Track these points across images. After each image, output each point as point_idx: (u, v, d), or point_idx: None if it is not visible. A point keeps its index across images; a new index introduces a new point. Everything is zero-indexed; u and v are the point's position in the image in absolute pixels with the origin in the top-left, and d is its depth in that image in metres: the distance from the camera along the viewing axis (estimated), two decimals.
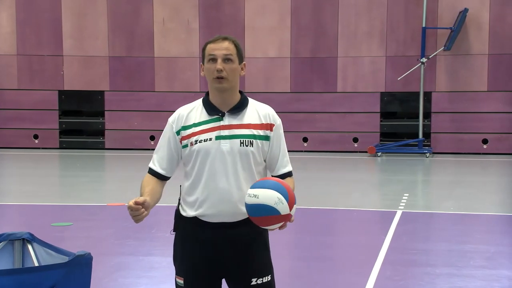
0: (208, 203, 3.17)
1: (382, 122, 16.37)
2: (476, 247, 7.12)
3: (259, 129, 3.20)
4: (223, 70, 3.18)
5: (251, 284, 3.19)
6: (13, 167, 14.58)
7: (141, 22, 16.83)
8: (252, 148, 3.17)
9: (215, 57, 3.20)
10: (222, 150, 3.16)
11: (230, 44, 3.23)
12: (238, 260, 3.19)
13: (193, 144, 3.18)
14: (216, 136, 3.17)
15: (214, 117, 3.21)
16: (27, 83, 17.12)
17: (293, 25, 16.49)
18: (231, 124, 3.18)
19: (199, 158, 3.18)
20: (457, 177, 12.83)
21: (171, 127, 3.25)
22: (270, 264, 3.28)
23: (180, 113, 3.27)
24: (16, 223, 8.64)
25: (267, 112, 3.26)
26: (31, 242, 3.47)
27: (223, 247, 3.18)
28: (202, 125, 3.20)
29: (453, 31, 15.48)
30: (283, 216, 3.00)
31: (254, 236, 3.22)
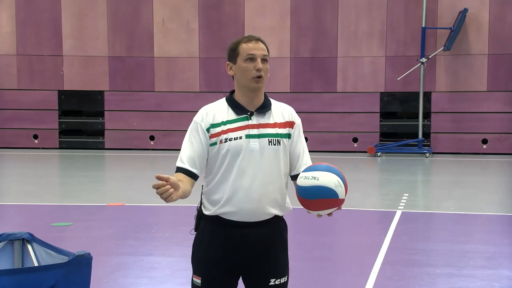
0: (234, 202, 3.15)
1: (382, 122, 16.37)
2: (476, 247, 7.12)
3: (283, 127, 3.24)
4: (261, 69, 3.19)
5: (269, 284, 3.20)
6: (13, 167, 14.58)
7: (141, 22, 16.83)
8: (280, 146, 3.20)
9: (255, 56, 3.20)
10: (251, 148, 3.16)
11: (264, 45, 3.26)
12: (258, 260, 3.19)
13: (222, 142, 3.17)
14: (246, 134, 3.17)
15: (242, 116, 3.21)
16: (27, 83, 17.12)
17: (293, 25, 16.49)
18: (259, 123, 3.20)
19: (228, 156, 3.16)
20: (457, 177, 12.83)
21: (199, 125, 3.21)
22: (288, 264, 3.30)
23: (207, 111, 3.24)
24: (16, 223, 8.64)
25: (288, 111, 3.32)
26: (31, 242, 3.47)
27: (244, 247, 3.18)
28: (231, 124, 3.19)
29: (453, 31, 15.48)
30: (339, 200, 3.01)
31: (275, 236, 3.23)
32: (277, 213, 3.22)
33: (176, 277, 6.08)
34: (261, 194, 3.15)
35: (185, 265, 6.49)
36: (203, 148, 3.19)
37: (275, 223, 3.22)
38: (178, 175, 3.16)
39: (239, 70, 3.25)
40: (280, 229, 3.24)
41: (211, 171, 3.23)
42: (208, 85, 16.70)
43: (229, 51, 3.30)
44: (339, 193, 2.99)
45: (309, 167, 3.12)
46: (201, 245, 3.23)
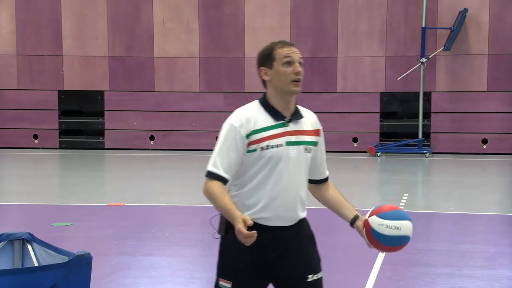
0: (271, 207, 3.15)
1: (382, 122, 16.37)
2: (476, 247, 7.12)
3: (313, 135, 3.28)
4: (300, 73, 3.22)
5: (307, 281, 3.22)
6: (13, 167, 14.58)
7: (141, 22, 16.82)
8: (310, 154, 3.26)
9: (293, 60, 3.22)
10: (290, 156, 3.17)
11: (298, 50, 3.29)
12: (293, 259, 3.21)
13: (263, 149, 3.13)
14: (286, 142, 3.17)
15: (280, 122, 3.19)
16: (27, 83, 17.11)
17: (293, 25, 16.49)
18: (296, 130, 3.21)
19: (270, 163, 3.14)
20: (457, 177, 12.83)
21: (238, 130, 3.13)
22: (320, 261, 3.35)
23: (246, 116, 3.16)
24: (16, 223, 8.63)
25: (315, 118, 3.35)
26: (31, 242, 3.47)
27: (279, 249, 3.19)
28: (271, 130, 3.15)
29: (453, 31, 15.48)
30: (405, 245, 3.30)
31: (304, 234, 3.29)
32: (304, 215, 3.31)
33: (176, 277, 6.08)
34: (296, 200, 3.21)
35: (185, 265, 6.49)
36: (238, 155, 3.14)
37: (303, 223, 3.30)
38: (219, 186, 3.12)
39: (276, 74, 3.21)
40: (306, 226, 3.32)
41: (244, 176, 3.17)
42: (208, 85, 16.70)
43: (263, 57, 3.26)
44: (411, 236, 3.25)
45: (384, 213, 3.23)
46: (232, 249, 3.17)
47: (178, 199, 9.92)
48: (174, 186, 11.25)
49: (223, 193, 3.11)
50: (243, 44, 16.60)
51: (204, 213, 8.86)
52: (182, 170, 13.78)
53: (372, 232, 3.19)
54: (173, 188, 11.00)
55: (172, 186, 11.31)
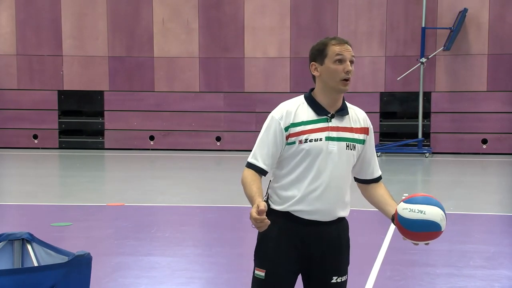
0: (308, 201, 3.18)
1: (381, 122, 16.37)
2: (476, 247, 7.12)
3: (360, 133, 3.26)
4: (351, 72, 3.21)
5: (331, 282, 3.25)
6: (13, 167, 14.57)
7: (141, 22, 16.83)
8: (354, 152, 3.25)
9: (344, 58, 3.21)
10: (330, 151, 3.18)
11: (351, 48, 3.28)
12: (323, 258, 3.24)
13: (302, 142, 3.17)
14: (326, 137, 3.18)
15: (323, 117, 3.20)
16: (27, 83, 17.12)
17: (293, 25, 16.49)
18: (338, 126, 3.21)
19: (308, 157, 3.17)
20: (456, 177, 12.83)
21: (278, 123, 3.18)
22: (348, 264, 3.37)
23: (287, 109, 3.20)
24: (16, 223, 8.63)
25: (364, 116, 3.32)
26: (31, 242, 3.47)
27: (311, 244, 3.22)
28: (311, 124, 3.18)
29: (453, 31, 15.48)
30: (440, 233, 3.10)
31: (341, 235, 3.30)
32: (344, 215, 3.31)
33: (176, 277, 6.08)
34: (335, 196, 3.22)
35: (185, 265, 6.49)
36: (277, 147, 3.19)
37: (341, 223, 3.30)
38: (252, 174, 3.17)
39: (327, 71, 3.22)
40: (345, 228, 3.33)
41: (285, 168, 3.22)
42: (208, 85, 16.70)
43: (315, 52, 3.28)
44: (443, 226, 3.09)
45: (411, 198, 3.16)
46: (269, 238, 3.22)
47: (178, 199, 9.92)
48: (174, 186, 11.25)
49: (253, 181, 3.14)
50: (243, 44, 16.60)
51: (204, 213, 8.86)
52: (182, 170, 13.78)
53: (398, 218, 3.12)
54: (173, 188, 10.99)
55: (172, 186, 11.31)
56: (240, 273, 6.29)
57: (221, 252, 6.87)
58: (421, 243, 3.14)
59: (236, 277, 6.14)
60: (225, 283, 5.93)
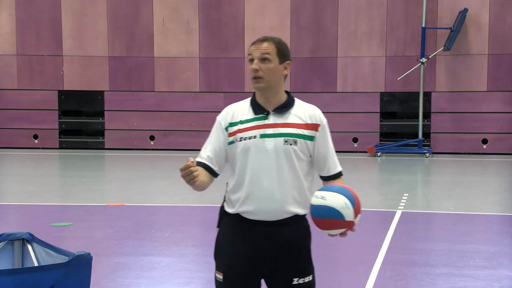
0: (251, 201, 3.18)
1: (382, 122, 16.37)
2: (476, 247, 7.12)
3: (304, 128, 3.24)
4: (259, 69, 3.22)
5: (292, 284, 3.19)
6: (13, 167, 14.58)
7: (141, 22, 16.82)
8: (296, 146, 3.20)
9: (253, 57, 3.27)
10: (266, 148, 3.18)
11: (269, 44, 3.31)
12: (279, 259, 3.19)
13: (238, 141, 3.22)
14: (261, 134, 3.20)
15: (260, 115, 3.24)
16: (27, 83, 17.11)
17: (293, 25, 16.49)
18: (276, 123, 3.22)
19: (244, 155, 3.20)
20: (457, 177, 12.83)
21: (219, 123, 3.30)
22: (311, 264, 3.29)
23: (227, 110, 3.31)
24: (16, 223, 8.64)
25: (313, 112, 3.31)
26: (31, 242, 3.47)
27: (264, 245, 3.19)
28: (247, 123, 3.23)
29: (453, 31, 15.48)
30: (346, 222, 3.00)
31: (298, 235, 3.24)
32: (298, 212, 3.22)
33: (176, 277, 6.08)
34: (279, 193, 3.17)
35: (185, 265, 6.49)
36: (220, 146, 3.27)
37: (297, 222, 3.23)
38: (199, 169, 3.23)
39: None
40: (303, 227, 3.25)
41: (232, 170, 3.27)
42: (208, 85, 16.70)
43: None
44: (345, 215, 2.99)
45: (325, 186, 3.18)
46: (223, 241, 3.25)
47: (178, 199, 9.92)
48: (174, 186, 11.25)
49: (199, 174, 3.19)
50: (243, 44, 16.60)
51: (204, 213, 8.86)
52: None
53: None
54: (173, 188, 10.99)
55: (172, 186, 11.31)
56: None
57: None
58: (331, 233, 3.05)
59: None
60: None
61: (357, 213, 3.02)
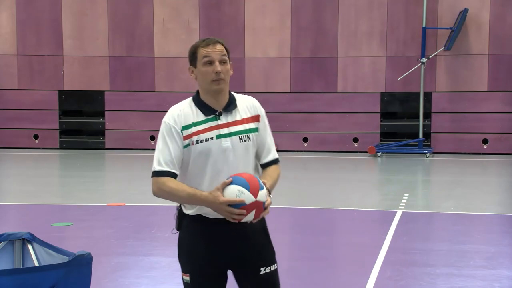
0: None
1: (382, 122, 16.37)
2: (476, 247, 7.12)
3: (251, 122, 3.30)
4: (221, 72, 3.26)
5: (260, 274, 3.25)
6: (13, 167, 14.58)
7: (141, 22, 16.83)
8: (250, 142, 3.27)
9: (213, 59, 3.27)
10: (223, 148, 3.22)
11: (222, 46, 3.34)
12: (244, 253, 3.24)
13: (194, 144, 3.23)
14: (217, 135, 3.22)
15: (211, 116, 3.27)
16: (27, 83, 17.12)
17: (293, 25, 16.49)
18: (228, 122, 3.26)
19: (203, 157, 3.21)
20: (457, 177, 12.83)
21: (172, 126, 3.27)
22: (274, 253, 3.35)
23: (177, 112, 3.30)
24: (16, 223, 8.64)
25: (252, 104, 3.36)
26: (31, 242, 3.47)
27: (227, 241, 3.23)
28: (201, 125, 3.25)
29: (453, 31, 15.47)
30: (250, 205, 3.07)
31: (256, 226, 3.27)
32: None
33: (176, 277, 6.07)
34: None
35: None
36: (179, 150, 3.24)
37: None
38: (172, 181, 3.18)
39: (199, 74, 3.31)
40: (263, 220, 3.30)
41: (187, 172, 3.27)
42: None
43: (190, 55, 3.35)
44: (246, 199, 3.06)
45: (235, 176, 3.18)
46: (186, 243, 3.28)
47: None
48: None
49: (179, 184, 3.18)
50: (243, 44, 16.60)
51: None
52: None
53: None
54: None
55: None
56: None
57: None
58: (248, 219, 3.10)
59: None
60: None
61: (256, 192, 3.07)
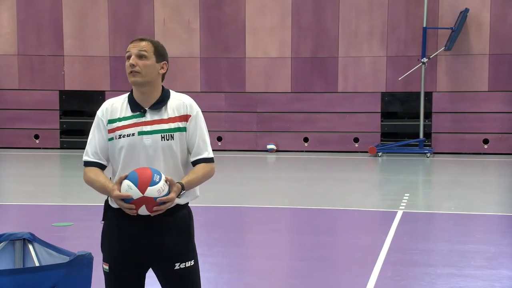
0: None
1: (382, 122, 16.37)
2: (476, 247, 7.12)
3: (178, 121, 3.37)
4: (135, 65, 3.34)
5: (174, 269, 3.34)
6: (14, 167, 14.58)
7: (142, 22, 16.83)
8: (173, 141, 3.34)
9: (130, 54, 3.38)
10: (144, 145, 3.31)
11: (147, 43, 3.42)
12: (160, 247, 3.33)
13: (116, 138, 3.35)
14: (139, 131, 3.32)
15: (137, 113, 3.36)
16: (27, 83, 17.12)
17: (293, 25, 16.49)
18: (153, 120, 3.34)
19: (123, 152, 3.33)
20: (458, 177, 12.82)
21: (100, 119, 3.38)
22: (193, 249, 3.42)
23: (106, 106, 3.40)
24: (17, 223, 8.64)
25: (184, 104, 3.42)
26: (32, 242, 3.47)
27: (144, 235, 3.32)
28: (125, 120, 3.35)
29: (454, 31, 15.47)
30: (137, 200, 3.14)
31: (176, 223, 3.36)
32: (178, 202, 3.36)
33: None
34: None
35: None
36: (104, 141, 3.37)
37: (176, 211, 3.36)
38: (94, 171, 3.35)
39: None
40: (182, 216, 3.39)
41: (113, 165, 3.41)
42: (209, 85, 16.71)
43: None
44: (133, 195, 3.14)
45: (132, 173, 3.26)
46: (107, 234, 3.40)
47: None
48: None
49: (97, 175, 3.34)
50: (244, 44, 16.60)
51: (205, 213, 8.86)
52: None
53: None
54: None
55: None
56: (241, 273, 6.29)
57: (222, 252, 6.87)
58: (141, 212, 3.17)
59: (237, 277, 6.14)
60: (226, 283, 5.94)
61: (144, 187, 3.13)
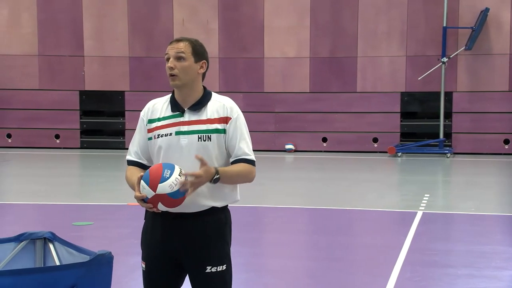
0: None
1: (402, 122, 16.29)
2: (496, 248, 7.07)
3: (217, 123, 3.37)
4: (174, 68, 3.35)
5: (205, 272, 3.35)
6: (35, 167, 14.70)
7: (160, 23, 16.89)
8: (210, 142, 3.34)
9: (169, 56, 3.39)
10: (181, 145, 3.34)
11: (185, 44, 3.43)
12: (194, 249, 3.35)
13: (155, 138, 3.38)
14: (176, 131, 3.35)
15: (176, 113, 3.39)
16: (47, 83, 17.25)
17: (312, 25, 16.46)
18: (191, 120, 3.36)
19: (161, 152, 3.36)
20: (477, 177, 12.72)
21: (142, 120, 3.45)
22: (226, 254, 3.42)
23: (148, 107, 3.46)
24: (38, 222, 8.71)
25: (226, 106, 3.41)
26: (53, 241, 3.50)
27: (179, 236, 3.35)
28: (164, 120, 3.39)
29: (474, 30, 15.36)
30: (152, 199, 3.19)
31: (212, 226, 3.37)
32: (215, 204, 3.37)
33: None
34: None
35: None
36: (145, 141, 3.43)
37: (212, 214, 3.36)
38: (131, 169, 3.42)
39: None
40: (218, 219, 3.39)
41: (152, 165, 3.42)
42: (227, 85, 16.72)
43: None
44: (147, 194, 3.20)
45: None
46: (145, 233, 3.47)
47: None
48: None
49: (133, 174, 3.38)
50: (262, 44, 16.60)
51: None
52: None
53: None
54: None
55: None
56: (258, 273, 6.30)
57: (239, 252, 6.88)
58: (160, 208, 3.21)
59: (254, 277, 6.14)
60: (243, 283, 5.94)
61: (154, 185, 3.17)
